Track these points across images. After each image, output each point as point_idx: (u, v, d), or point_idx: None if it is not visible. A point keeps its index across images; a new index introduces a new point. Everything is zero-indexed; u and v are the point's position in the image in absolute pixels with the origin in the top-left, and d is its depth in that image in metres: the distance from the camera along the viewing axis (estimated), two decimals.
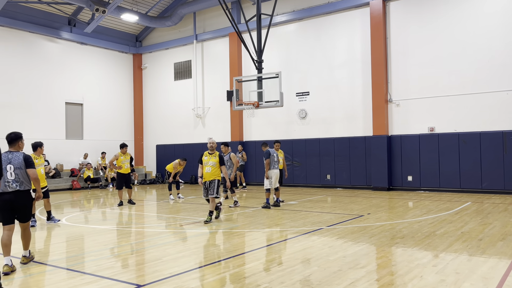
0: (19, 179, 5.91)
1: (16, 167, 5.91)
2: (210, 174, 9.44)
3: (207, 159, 9.47)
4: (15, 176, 5.89)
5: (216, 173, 9.45)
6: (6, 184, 5.84)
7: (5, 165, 5.86)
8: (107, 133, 22.18)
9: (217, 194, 9.43)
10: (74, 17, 20.43)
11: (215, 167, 9.45)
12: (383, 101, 15.94)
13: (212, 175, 9.45)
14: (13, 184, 5.87)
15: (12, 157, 5.97)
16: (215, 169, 9.45)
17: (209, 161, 9.45)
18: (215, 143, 9.56)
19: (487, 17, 14.30)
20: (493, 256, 6.05)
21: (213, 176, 9.46)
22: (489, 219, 9.17)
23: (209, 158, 9.47)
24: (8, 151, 6.07)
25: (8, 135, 6.12)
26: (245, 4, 19.45)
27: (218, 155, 9.46)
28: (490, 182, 14.04)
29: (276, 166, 11.75)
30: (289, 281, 5.10)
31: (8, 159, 5.93)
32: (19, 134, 6.17)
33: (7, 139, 6.11)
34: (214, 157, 9.47)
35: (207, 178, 9.48)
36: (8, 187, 5.85)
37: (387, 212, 10.58)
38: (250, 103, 13.85)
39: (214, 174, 9.45)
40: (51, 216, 9.83)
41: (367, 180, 16.43)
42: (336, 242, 7.18)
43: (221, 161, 9.44)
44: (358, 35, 16.80)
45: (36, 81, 19.45)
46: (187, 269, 5.72)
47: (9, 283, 5.33)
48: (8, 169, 5.87)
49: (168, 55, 22.70)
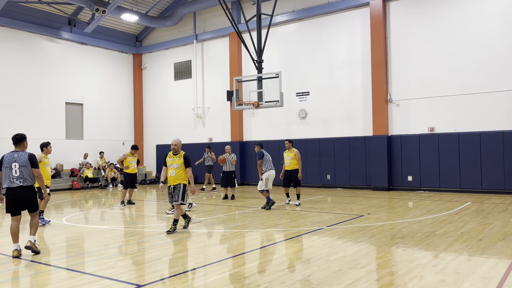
0: (23, 176, 6.52)
1: (21, 165, 6.52)
2: (175, 178, 8.44)
3: (171, 161, 8.49)
4: (20, 173, 6.50)
5: (181, 177, 8.43)
6: (11, 180, 6.50)
7: (11, 163, 6.50)
8: (107, 133, 22.19)
9: (182, 200, 8.43)
10: (74, 17, 20.43)
11: (179, 169, 8.45)
12: (383, 101, 15.94)
13: (177, 178, 8.43)
14: (17, 180, 6.49)
15: (18, 156, 6.58)
16: (180, 172, 8.45)
17: (173, 163, 8.46)
18: (178, 144, 8.56)
19: (487, 17, 14.30)
20: (493, 256, 6.05)
21: (178, 180, 8.44)
22: (489, 219, 9.17)
23: (173, 159, 8.48)
24: (14, 151, 6.67)
25: (14, 136, 6.75)
26: (245, 4, 19.45)
27: (183, 156, 8.49)
28: (490, 182, 14.04)
29: (271, 167, 11.65)
30: (289, 281, 5.11)
31: (14, 158, 6.55)
32: (24, 135, 6.80)
33: (13, 139, 6.72)
34: (179, 158, 8.47)
35: (171, 182, 8.50)
36: (13, 183, 6.50)
37: (387, 212, 10.59)
38: (250, 103, 13.85)
39: (179, 178, 8.43)
40: (41, 216, 9.43)
41: (367, 180, 16.43)
42: (336, 242, 7.18)
43: (186, 162, 8.45)
44: (358, 35, 16.80)
45: (36, 81, 19.45)
46: (187, 269, 5.73)
47: (9, 283, 5.33)
48: (13, 167, 6.50)
49: (168, 55, 22.70)
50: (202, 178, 20.52)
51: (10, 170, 6.48)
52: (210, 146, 17.16)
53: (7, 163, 6.53)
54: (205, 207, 12.22)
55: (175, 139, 8.59)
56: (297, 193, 12.06)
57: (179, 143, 8.58)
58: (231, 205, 12.54)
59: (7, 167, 6.52)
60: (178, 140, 8.59)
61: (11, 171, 6.48)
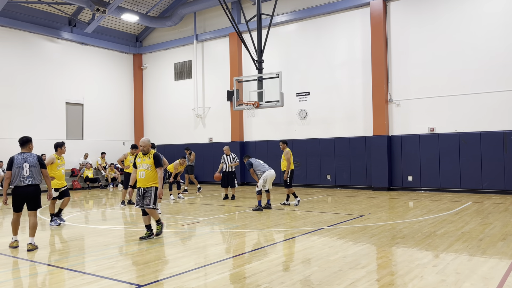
0: (32, 175, 7.13)
1: (31, 165, 7.14)
2: (145, 180, 7.71)
3: (141, 161, 7.83)
4: (30, 173, 7.10)
5: (151, 179, 7.73)
6: (21, 180, 7.06)
7: (22, 164, 7.10)
8: (107, 133, 22.19)
9: (154, 204, 7.75)
10: (74, 17, 20.44)
11: (150, 170, 7.73)
12: (383, 101, 15.94)
13: (147, 180, 7.71)
14: (27, 179, 7.08)
15: (28, 157, 7.18)
16: (150, 173, 7.73)
17: (143, 164, 7.77)
18: (147, 145, 7.83)
19: (487, 18, 14.30)
20: (494, 256, 6.05)
21: (149, 182, 7.72)
22: (489, 219, 9.17)
23: (142, 160, 7.80)
24: (22, 152, 7.24)
25: (20, 138, 7.32)
26: (246, 4, 19.45)
27: (153, 155, 7.79)
28: (491, 182, 14.03)
29: (266, 169, 11.40)
30: (290, 281, 5.11)
31: (24, 158, 7.14)
32: (30, 138, 7.39)
33: (20, 142, 7.29)
34: (148, 158, 7.77)
35: (141, 184, 7.76)
36: (22, 182, 7.05)
37: (387, 212, 10.58)
38: (250, 103, 13.85)
39: (149, 180, 7.71)
40: (60, 215, 9.59)
41: (367, 180, 16.43)
42: (336, 242, 7.18)
43: (157, 162, 7.76)
44: (359, 35, 16.80)
45: (37, 81, 19.46)
46: (187, 269, 5.73)
47: (10, 283, 5.33)
48: (24, 167, 7.10)
49: (169, 55, 22.70)
50: (205, 177, 20.56)
51: (22, 170, 7.06)
52: (189, 148, 16.90)
53: (19, 163, 7.08)
54: (206, 207, 12.22)
55: (143, 139, 7.91)
56: (287, 194, 12.14)
57: (147, 143, 7.86)
58: (231, 205, 12.54)
59: (18, 167, 7.06)
60: (147, 140, 7.89)
61: (22, 171, 7.05)
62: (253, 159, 11.79)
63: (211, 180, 20.59)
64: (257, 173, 11.47)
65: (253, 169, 11.50)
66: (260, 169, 11.44)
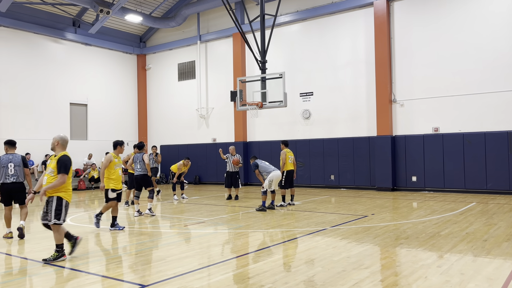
0: (16, 174, 8.06)
1: (16, 165, 8.07)
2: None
3: (48, 164, 6.40)
4: (14, 172, 8.04)
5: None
6: (6, 177, 8.01)
7: (7, 163, 8.01)
8: (111, 134, 22.21)
9: (56, 218, 6.15)
10: (78, 18, 20.51)
11: (52, 176, 6.21)
12: (387, 101, 15.90)
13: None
14: (11, 177, 8.03)
15: (13, 157, 8.12)
16: (53, 179, 6.20)
17: (49, 167, 6.32)
18: (57, 141, 6.38)
19: (492, 17, 14.24)
20: (498, 257, 6.02)
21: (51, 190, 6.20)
22: (494, 219, 9.13)
23: (50, 162, 6.37)
24: (9, 153, 8.14)
25: (8, 141, 8.21)
26: (249, 5, 19.46)
27: (59, 158, 6.23)
28: (495, 183, 13.97)
29: (272, 169, 11.40)
30: (293, 281, 5.10)
31: (9, 159, 8.07)
32: (15, 141, 8.34)
33: (8, 144, 8.18)
34: (53, 161, 6.29)
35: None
36: (8, 180, 8.01)
37: (391, 212, 10.55)
38: (253, 104, 13.85)
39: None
40: (115, 223, 8.92)
41: (371, 180, 16.39)
42: (340, 242, 7.17)
43: (59, 167, 6.17)
44: (362, 35, 16.77)
45: (41, 81, 19.54)
46: (191, 269, 5.73)
47: (14, 283, 5.35)
48: (9, 166, 8.01)
49: (172, 55, 22.74)
50: (209, 178, 20.56)
51: (6, 169, 7.98)
52: (156, 146, 16.30)
53: (4, 163, 7.99)
54: (209, 207, 12.23)
55: (55, 135, 6.50)
56: (282, 194, 12.03)
57: (57, 140, 6.39)
58: (235, 206, 12.55)
59: (4, 167, 7.97)
60: (58, 137, 6.43)
61: (7, 170, 7.99)
62: (259, 160, 11.80)
63: (214, 180, 20.64)
64: (263, 174, 11.49)
65: (259, 170, 11.51)
66: (266, 170, 11.47)
